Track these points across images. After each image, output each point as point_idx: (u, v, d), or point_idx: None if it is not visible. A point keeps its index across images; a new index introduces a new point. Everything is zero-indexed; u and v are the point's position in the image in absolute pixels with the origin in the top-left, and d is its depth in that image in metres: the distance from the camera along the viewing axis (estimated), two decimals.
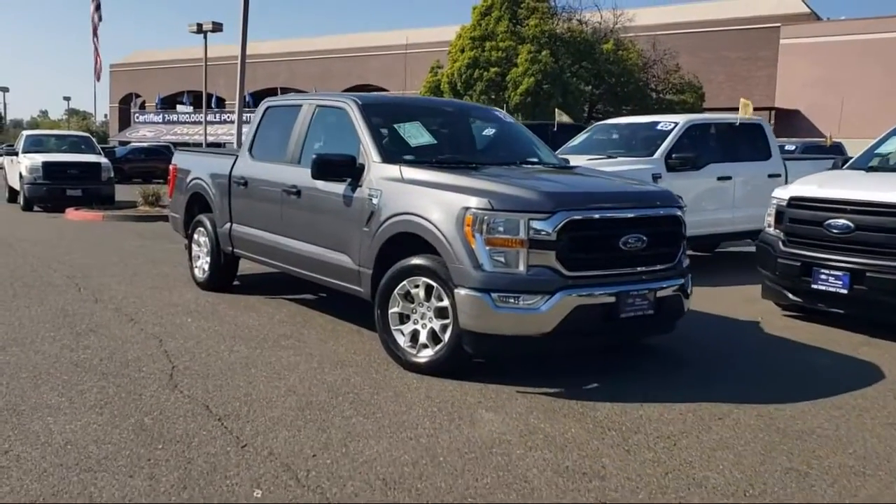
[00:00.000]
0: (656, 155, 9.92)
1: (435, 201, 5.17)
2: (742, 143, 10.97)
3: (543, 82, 23.02)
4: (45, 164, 18.56)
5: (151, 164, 37.08)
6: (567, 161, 7.02)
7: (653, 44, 27.53)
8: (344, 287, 6.08)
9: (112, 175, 19.50)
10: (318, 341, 6.27)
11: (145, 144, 42.18)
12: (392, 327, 5.45)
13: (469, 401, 4.87)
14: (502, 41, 24.92)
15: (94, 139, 21.90)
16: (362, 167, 5.87)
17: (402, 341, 5.40)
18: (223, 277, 8.25)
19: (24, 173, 18.56)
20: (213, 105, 52.56)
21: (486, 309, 4.85)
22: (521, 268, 4.85)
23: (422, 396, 4.92)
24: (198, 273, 8.43)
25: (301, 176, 6.52)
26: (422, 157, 5.99)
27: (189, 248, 8.61)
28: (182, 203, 8.63)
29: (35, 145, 20.21)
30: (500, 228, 4.87)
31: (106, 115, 74.30)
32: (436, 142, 6.23)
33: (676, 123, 10.36)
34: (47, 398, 4.77)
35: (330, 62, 53.99)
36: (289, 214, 6.67)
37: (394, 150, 5.98)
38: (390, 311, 5.45)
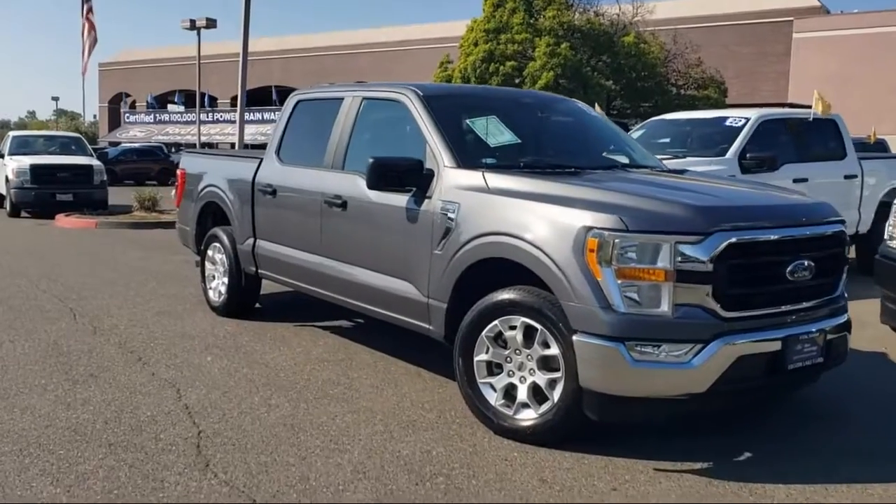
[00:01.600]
0: (729, 154, 8.77)
1: (540, 218, 3.98)
2: (815, 140, 9.83)
3: (562, 77, 21.83)
4: (33, 167, 17.27)
5: (144, 165, 35.80)
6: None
7: (673, 37, 26.37)
8: (406, 322, 4.88)
9: (105, 178, 18.24)
10: (372, 389, 5.06)
11: (137, 145, 40.81)
12: (479, 380, 4.25)
13: (598, 486, 3.68)
14: (518, 34, 23.71)
15: (84, 140, 20.57)
16: (430, 174, 4.66)
17: (493, 398, 4.20)
18: (243, 302, 7.04)
19: (10, 177, 17.25)
20: (205, 104, 51.19)
21: (619, 363, 3.65)
22: (665, 307, 3.67)
23: (534, 480, 3.72)
24: (212, 296, 7.20)
25: (346, 184, 5.32)
26: (506, 161, 4.78)
27: (202, 267, 7.37)
28: (193, 214, 7.39)
29: (22, 147, 18.89)
30: (637, 255, 3.67)
31: (95, 116, 72.75)
32: (520, 141, 5.01)
33: (747, 119, 9.21)
34: (37, 488, 3.55)
35: (325, 59, 52.69)
36: (331, 230, 5.46)
37: (471, 153, 4.77)
38: (476, 359, 4.25)
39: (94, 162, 18.30)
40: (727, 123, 9.26)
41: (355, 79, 52.60)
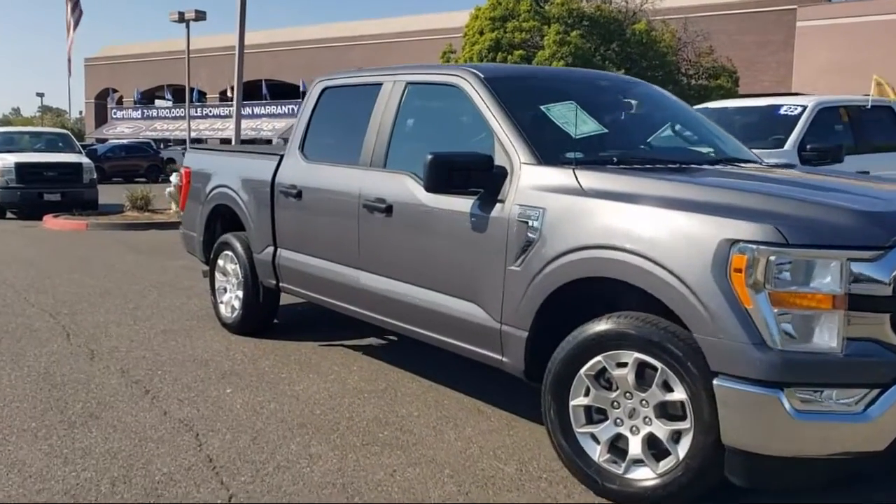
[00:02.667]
0: (787, 146, 7.99)
1: (661, 228, 3.16)
2: (874, 129, 9.06)
3: (573, 66, 20.97)
4: (19, 166, 16.33)
5: (133, 161, 34.83)
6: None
7: (683, 24, 25.55)
8: (470, 352, 4.05)
9: (95, 177, 17.33)
10: (428, 431, 4.23)
11: (125, 141, 39.74)
12: (576, 429, 3.44)
13: None
14: (525, 21, 22.81)
15: (72, 136, 19.60)
16: (502, 173, 3.83)
17: (596, 453, 3.39)
18: (261, 318, 6.20)
19: None
20: (194, 99, 50.13)
21: (777, 415, 2.85)
22: (834, 343, 2.85)
23: None
24: (224, 311, 6.34)
25: (391, 185, 4.49)
26: (597, 156, 3.95)
27: (211, 278, 6.51)
28: (201, 218, 6.54)
29: (6, 144, 17.93)
30: (797, 276, 2.85)
31: (81, 112, 71.46)
32: (606, 130, 4.17)
33: (804, 106, 8.42)
34: None
35: (316, 52, 51.62)
36: (371, 239, 4.63)
37: (552, 146, 3.93)
38: (573, 404, 3.43)
39: (83, 159, 17.37)
40: (782, 111, 8.46)
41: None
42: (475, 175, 3.85)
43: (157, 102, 61.44)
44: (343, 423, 4.34)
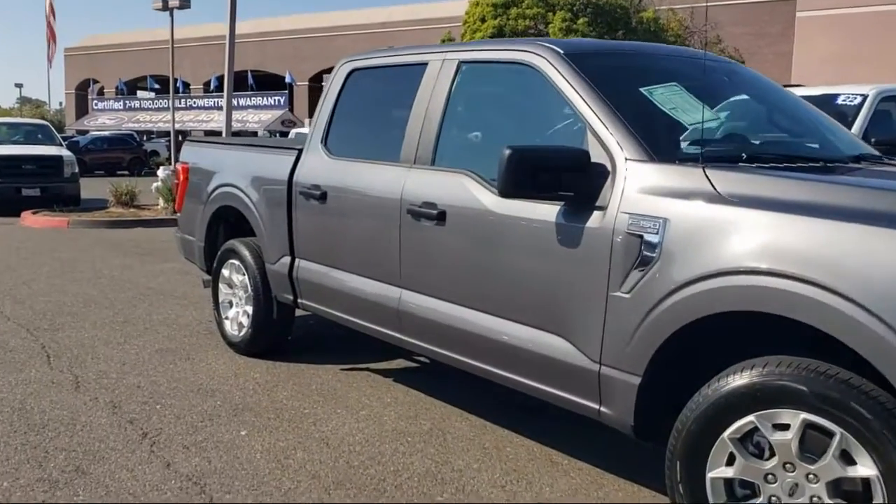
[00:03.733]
0: None
1: (847, 249, 2.37)
2: None
3: None
4: None
5: (115, 154, 33.76)
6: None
7: (691, 13, 24.77)
8: (556, 397, 3.24)
9: (76, 171, 16.36)
10: (501, 494, 3.42)
11: (107, 133, 38.59)
12: None
13: None
14: (529, 8, 21.93)
15: (52, 128, 18.59)
16: (602, 172, 3.01)
17: None
18: (273, 338, 5.37)
19: None
20: (178, 90, 48.93)
21: None
22: None
23: None
24: (230, 328, 5.49)
25: (445, 187, 3.68)
26: (719, 151, 3.13)
27: (213, 290, 5.66)
28: (201, 221, 5.68)
29: None
30: None
31: (61, 103, 70.00)
32: (722, 119, 3.35)
33: (864, 95, 7.63)
34: None
35: (303, 42, 50.56)
36: (417, 253, 3.82)
37: (664, 139, 3.13)
38: (711, 475, 2.64)
39: (64, 152, 16.40)
40: (840, 101, 7.68)
41: (336, 62, 50.39)
42: (567, 175, 3.02)
43: (140, 93, 60.14)
44: (389, 479, 3.52)
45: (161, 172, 15.68)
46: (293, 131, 22.36)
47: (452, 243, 3.66)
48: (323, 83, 48.90)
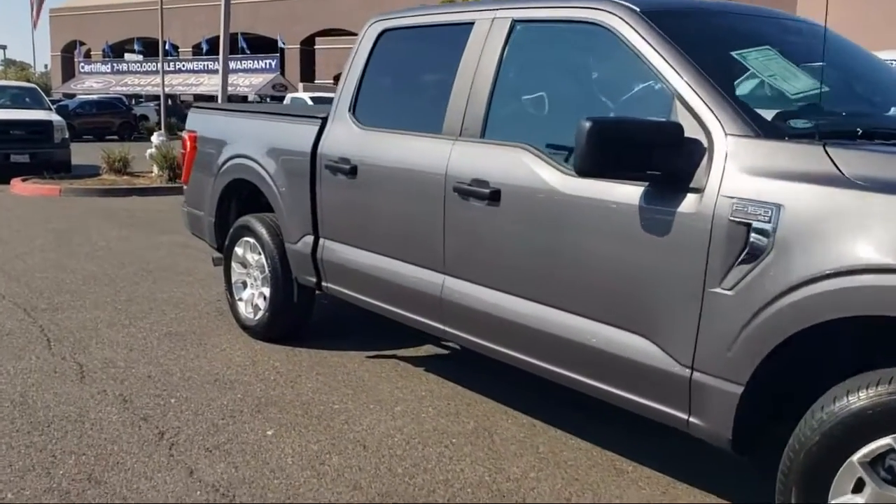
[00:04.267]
0: None
1: None
2: None
3: None
4: None
5: (104, 118, 32.93)
6: None
7: None
8: (637, 404, 2.89)
9: (67, 136, 15.77)
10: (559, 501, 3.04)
11: (95, 97, 37.73)
12: None
13: None
14: None
15: (40, 91, 17.96)
16: (698, 149, 2.60)
17: None
18: (293, 322, 4.98)
19: None
20: (168, 53, 47.94)
21: None
22: None
23: None
24: (244, 311, 5.10)
25: (498, 163, 3.30)
26: (830, 125, 2.73)
27: (225, 269, 5.25)
28: (212, 195, 5.26)
29: None
30: None
31: (46, 66, 68.76)
32: (827, 88, 2.93)
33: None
34: None
35: (296, 3, 49.57)
36: (465, 236, 3.43)
37: (769, 113, 2.71)
38: (835, 503, 2.24)
39: (54, 117, 15.81)
40: None
41: (327, 24, 49.53)
42: (657, 152, 2.62)
43: (127, 56, 59.07)
44: (439, 490, 3.16)
45: (155, 138, 15.18)
46: (289, 96, 21.76)
47: (508, 226, 3.26)
48: (316, 46, 48.08)
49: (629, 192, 2.79)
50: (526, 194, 3.16)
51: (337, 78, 42.15)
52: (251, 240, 4.99)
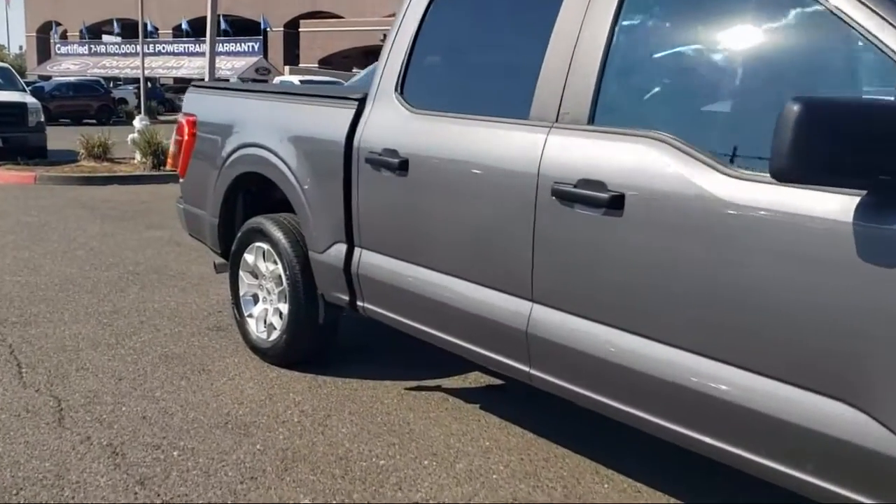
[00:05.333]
0: None
1: None
2: None
3: None
4: None
5: (82, 101, 31.70)
6: None
7: None
8: (835, 496, 2.01)
9: (42, 119, 14.74)
10: None
11: (72, 79, 36.39)
12: None
13: None
14: None
15: (14, 72, 16.88)
16: None
17: None
18: (316, 346, 4.14)
19: None
20: (150, 34, 46.56)
21: None
22: None
23: None
24: (255, 329, 4.26)
25: (618, 159, 2.51)
26: None
27: (232, 279, 4.40)
28: (216, 191, 4.40)
29: None
30: None
31: (21, 47, 66.99)
32: None
33: None
34: None
35: None
36: (566, 254, 2.64)
37: None
38: None
39: (29, 99, 14.79)
40: None
41: (311, 7, 48.30)
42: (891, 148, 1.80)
43: (105, 38, 57.51)
44: None
45: (137, 123, 14.21)
46: (277, 79, 20.72)
47: (635, 244, 2.42)
48: (300, 29, 46.89)
49: (838, 205, 1.97)
50: (666, 203, 2.33)
51: (322, 62, 41.02)
52: (264, 246, 4.14)
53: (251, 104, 4.34)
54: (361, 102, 3.56)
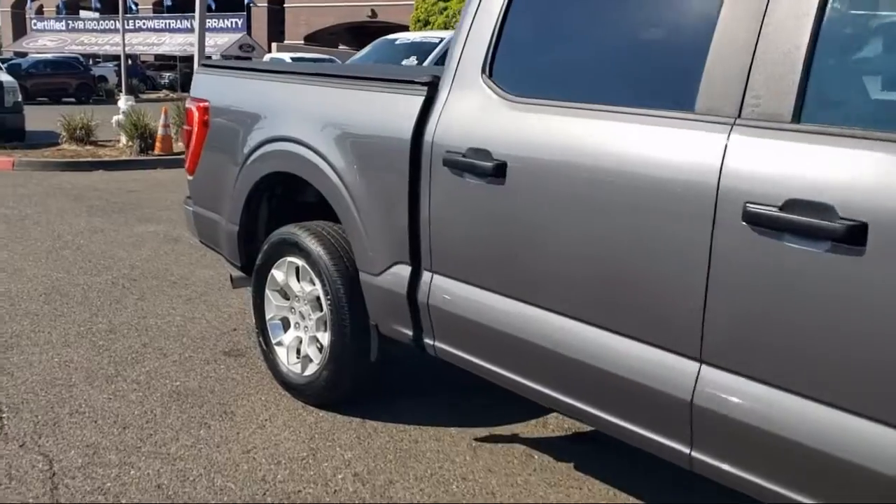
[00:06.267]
0: None
1: None
2: None
3: None
4: None
5: (60, 79, 30.61)
6: None
7: None
8: None
9: (20, 99, 13.80)
10: None
11: (50, 56, 35.11)
12: None
13: None
14: None
15: None
16: None
17: None
18: (363, 385, 3.37)
19: None
20: (131, 10, 45.12)
21: None
22: None
23: None
24: (286, 361, 3.52)
25: (856, 172, 1.75)
26: None
27: (257, 299, 3.62)
28: (236, 193, 3.63)
29: None
30: None
31: None
32: None
33: None
34: None
35: None
36: (769, 300, 1.87)
37: None
38: None
39: (5, 77, 13.82)
40: None
41: None
42: None
43: (83, 13, 55.86)
44: None
45: (123, 103, 13.30)
46: (267, 56, 19.74)
47: (882, 298, 1.66)
48: (286, 5, 45.59)
49: None
50: None
51: (308, 39, 39.86)
52: (298, 261, 3.37)
53: (281, 88, 3.55)
54: (432, 88, 2.78)
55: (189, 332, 4.47)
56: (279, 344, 3.62)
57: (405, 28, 25.77)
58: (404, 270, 2.90)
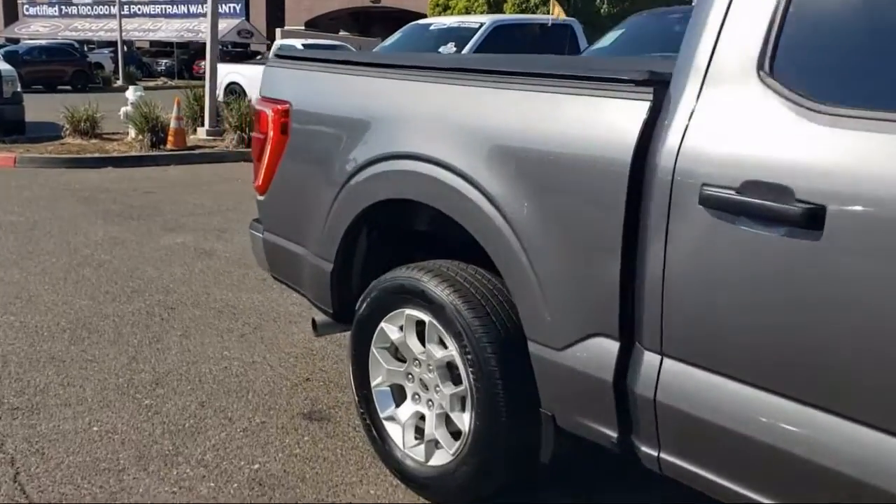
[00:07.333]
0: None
1: None
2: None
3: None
4: None
5: (56, 66, 29.58)
6: None
7: None
8: None
9: (19, 89, 12.87)
10: None
11: (44, 43, 33.99)
12: None
13: None
14: None
15: None
16: None
17: None
18: (513, 482, 2.50)
19: None
20: None
21: None
22: None
23: None
24: (402, 444, 2.72)
25: None
26: None
27: (358, 358, 2.75)
28: (331, 223, 2.78)
29: None
30: None
31: None
32: None
33: None
34: None
35: None
36: None
37: None
38: None
39: (3, 65, 12.86)
40: None
41: None
42: None
43: None
44: None
45: (131, 94, 12.38)
46: (277, 43, 18.70)
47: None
48: None
49: None
50: None
51: (309, 24, 38.89)
52: (423, 316, 2.52)
53: (400, 88, 2.67)
54: (660, 90, 1.90)
55: (253, 384, 3.61)
56: (390, 419, 2.77)
57: (410, 13, 24.76)
58: (607, 346, 2.05)
